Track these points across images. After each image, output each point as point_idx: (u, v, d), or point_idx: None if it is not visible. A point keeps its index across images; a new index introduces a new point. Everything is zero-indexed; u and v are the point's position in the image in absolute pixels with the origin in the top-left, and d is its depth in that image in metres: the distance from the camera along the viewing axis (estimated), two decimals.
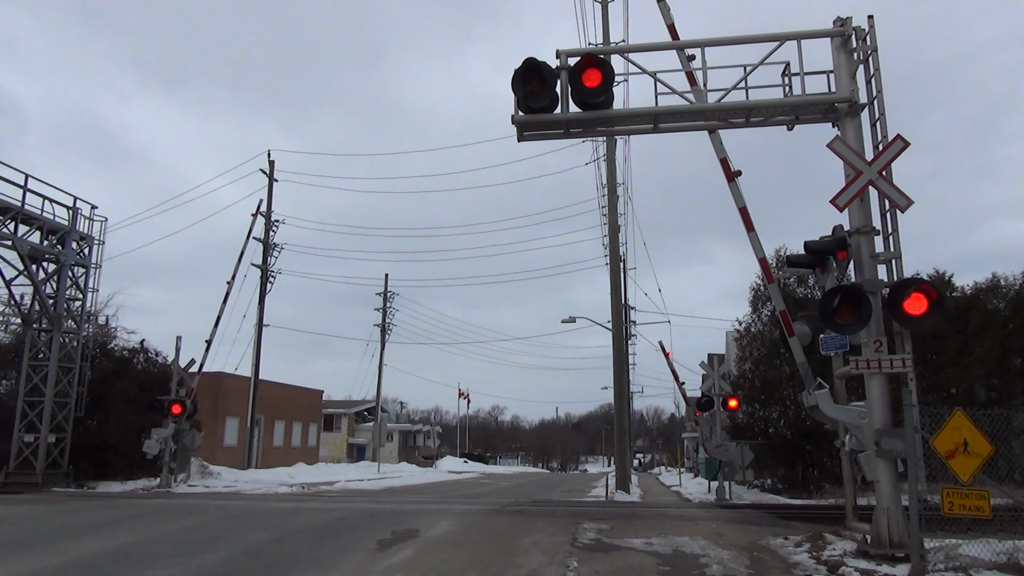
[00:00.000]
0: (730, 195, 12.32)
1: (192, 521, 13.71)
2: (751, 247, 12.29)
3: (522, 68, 11.59)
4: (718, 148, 12.53)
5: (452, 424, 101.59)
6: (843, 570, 8.64)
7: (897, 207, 10.32)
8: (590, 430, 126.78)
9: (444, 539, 11.51)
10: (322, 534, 11.89)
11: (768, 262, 12.37)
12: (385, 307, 53.47)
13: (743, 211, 12.43)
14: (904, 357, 9.89)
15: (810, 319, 11.52)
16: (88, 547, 10.40)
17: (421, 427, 79.98)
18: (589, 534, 12.04)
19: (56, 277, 24.64)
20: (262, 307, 37.26)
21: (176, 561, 9.20)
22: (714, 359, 22.98)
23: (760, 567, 9.16)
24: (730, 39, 12.18)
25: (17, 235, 22.71)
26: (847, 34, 11.38)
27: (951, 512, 8.35)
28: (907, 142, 10.24)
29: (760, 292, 27.14)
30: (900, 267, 10.43)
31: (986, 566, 8.34)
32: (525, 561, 9.38)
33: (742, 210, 12.44)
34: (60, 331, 24.28)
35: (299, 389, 51.07)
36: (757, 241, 12.23)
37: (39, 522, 13.84)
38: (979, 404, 20.33)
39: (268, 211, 38.36)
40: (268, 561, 9.33)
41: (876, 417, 10.07)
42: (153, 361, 29.14)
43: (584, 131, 13.32)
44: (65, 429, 24.21)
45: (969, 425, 8.54)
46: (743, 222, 12.41)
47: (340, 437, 62.08)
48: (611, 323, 28.56)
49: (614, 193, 28.03)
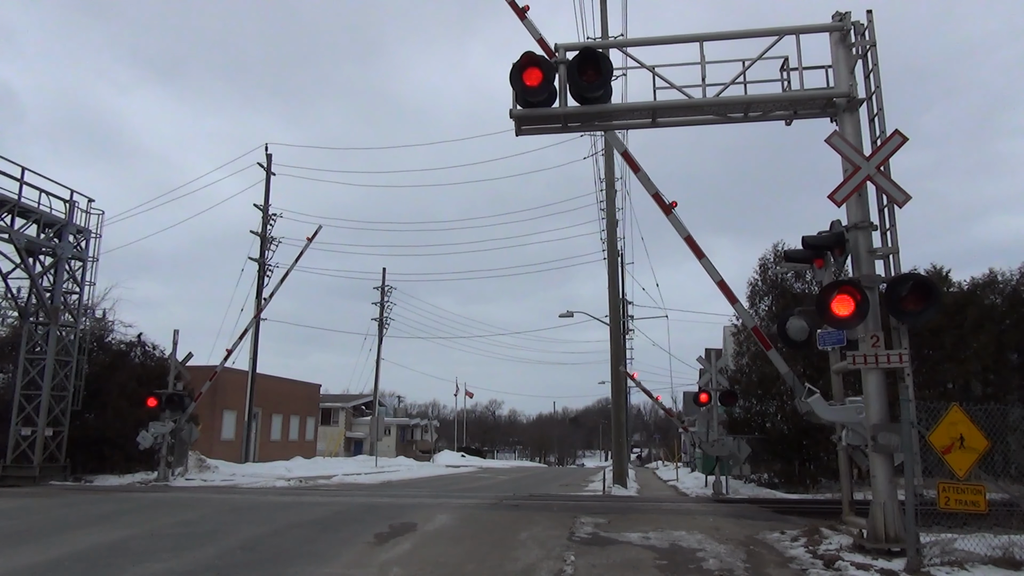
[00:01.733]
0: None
1: (190, 514, 13.73)
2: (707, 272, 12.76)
3: (520, 62, 11.57)
4: (648, 185, 13.27)
5: (450, 418, 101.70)
6: (839, 564, 8.67)
7: (895, 202, 10.32)
8: (587, 424, 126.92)
9: (442, 533, 11.53)
10: (320, 527, 11.90)
11: (727, 284, 12.78)
12: (383, 301, 53.47)
13: (689, 240, 13.08)
14: (901, 352, 9.91)
15: (807, 314, 11.53)
16: (86, 540, 10.40)
17: (419, 421, 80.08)
18: (586, 528, 12.07)
19: (53, 270, 24.60)
20: (259, 301, 37.21)
21: (174, 554, 9.22)
22: (711, 354, 22.98)
23: (757, 561, 9.19)
24: (728, 33, 12.17)
25: (14, 228, 22.66)
26: (846, 29, 11.36)
27: (947, 507, 8.39)
28: (905, 137, 10.23)
29: (757, 287, 27.15)
30: (897, 262, 10.44)
31: (981, 560, 8.38)
32: (522, 555, 9.40)
33: (687, 239, 13.06)
34: (57, 324, 24.24)
35: (297, 383, 51.08)
36: (710, 266, 12.78)
37: (37, 515, 13.84)
38: (975, 399, 20.37)
39: (265, 205, 38.32)
40: (266, 554, 9.34)
41: (873, 412, 10.09)
42: (150, 355, 29.13)
43: (582, 125, 13.31)
44: (62, 423, 24.21)
45: (965, 420, 8.57)
46: (692, 250, 12.95)
47: (338, 431, 62.13)
48: (608, 318, 28.60)
49: (612, 188, 28.02)
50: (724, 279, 12.43)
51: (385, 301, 53.56)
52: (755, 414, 26.54)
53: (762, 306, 26.95)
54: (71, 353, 24.84)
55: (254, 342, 36.62)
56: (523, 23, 13.44)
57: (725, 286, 12.53)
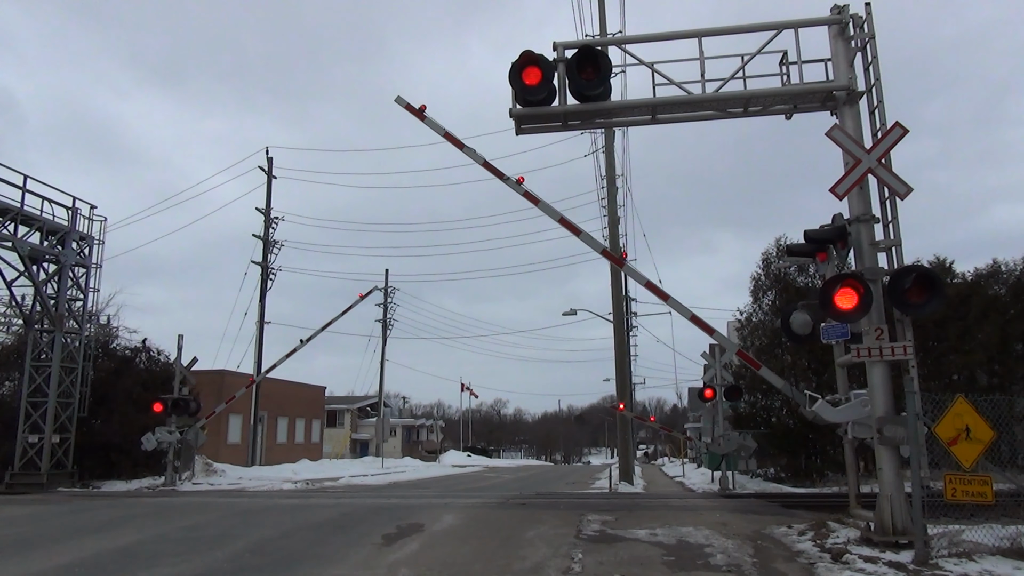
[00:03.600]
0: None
1: (198, 519, 13.76)
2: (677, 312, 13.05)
3: (519, 61, 11.60)
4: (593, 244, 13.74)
5: (455, 418, 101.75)
6: (847, 557, 8.67)
7: (896, 195, 10.31)
8: (593, 422, 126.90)
9: (449, 532, 11.55)
10: (327, 529, 11.93)
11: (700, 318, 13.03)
12: (386, 302, 53.51)
13: (649, 286, 13.29)
14: (905, 344, 9.90)
15: (811, 308, 11.53)
16: (95, 546, 10.44)
17: (424, 422, 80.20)
18: (593, 526, 12.07)
19: (57, 277, 24.67)
20: (263, 304, 37.30)
21: (183, 559, 9.24)
22: (715, 349, 22.94)
23: (764, 556, 9.19)
24: (727, 29, 12.18)
25: (17, 236, 22.73)
26: (844, 22, 11.36)
27: (954, 498, 8.38)
28: (906, 129, 10.22)
29: (760, 282, 27.14)
30: (900, 254, 10.43)
31: (989, 551, 8.38)
32: (530, 553, 9.41)
33: (647, 284, 13.34)
34: (62, 331, 24.31)
35: (302, 386, 51.12)
36: (678, 305, 13.11)
37: (45, 522, 13.89)
38: (981, 390, 20.35)
39: (267, 208, 38.37)
40: (274, 557, 9.37)
41: (878, 405, 10.09)
42: (155, 360, 29.18)
43: (582, 123, 13.32)
44: (69, 429, 24.27)
45: (971, 411, 8.56)
46: (657, 295, 13.26)
47: (343, 433, 62.23)
48: (612, 315, 28.60)
49: (613, 185, 28.02)
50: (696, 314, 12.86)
51: (388, 302, 53.60)
52: (760, 409, 26.54)
53: (765, 300, 26.95)
54: (76, 360, 24.90)
55: (258, 346, 36.71)
56: (424, 123, 13.94)
57: (698, 320, 12.87)
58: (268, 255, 37.95)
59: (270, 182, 38.64)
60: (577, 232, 13.73)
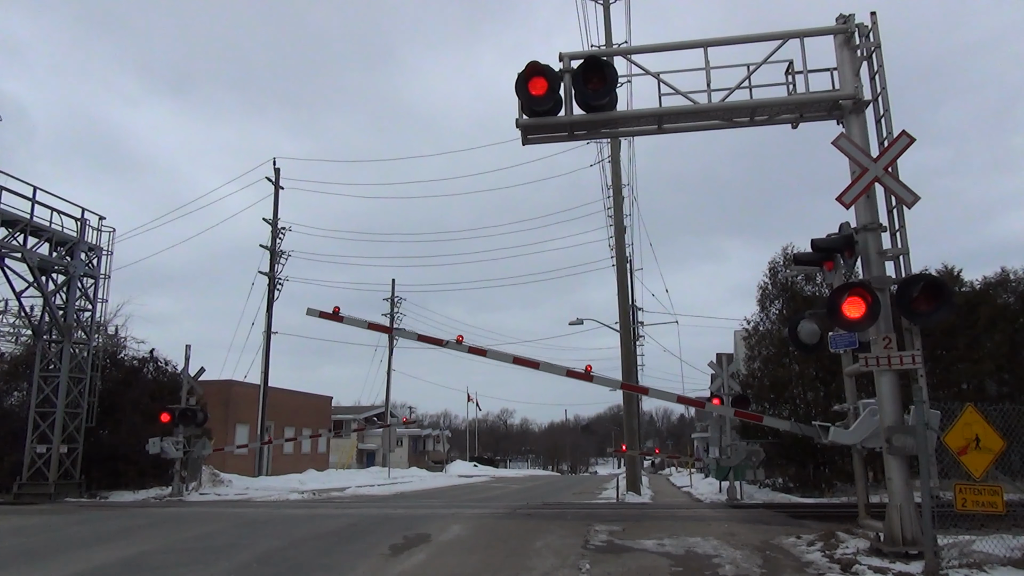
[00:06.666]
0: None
1: (205, 529, 13.76)
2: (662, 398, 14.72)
3: (525, 72, 11.64)
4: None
5: (461, 428, 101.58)
6: (856, 568, 8.61)
7: (904, 203, 10.29)
8: (600, 432, 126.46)
9: (456, 543, 11.52)
10: (334, 540, 11.91)
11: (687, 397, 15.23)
12: (393, 312, 53.61)
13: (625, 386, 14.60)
14: (914, 353, 9.86)
15: (818, 317, 11.50)
16: (102, 556, 10.45)
17: (431, 432, 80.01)
18: (601, 536, 12.02)
19: (65, 288, 24.82)
20: (270, 315, 37.40)
21: (190, 570, 9.24)
22: (723, 358, 22.89)
23: (773, 566, 9.13)
24: (733, 39, 12.20)
25: (26, 247, 22.91)
26: (850, 31, 11.38)
27: (964, 508, 8.32)
28: (912, 138, 10.22)
29: (768, 291, 27.07)
30: (908, 263, 10.40)
31: (1000, 562, 8.31)
32: (537, 564, 9.38)
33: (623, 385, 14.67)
34: (70, 342, 24.43)
35: (308, 396, 51.19)
36: (661, 393, 14.27)
37: (53, 532, 13.91)
38: (990, 399, 20.22)
39: (274, 219, 38.53)
40: (281, 568, 9.36)
41: (887, 414, 10.04)
42: (163, 370, 29.30)
43: (588, 133, 13.36)
44: (77, 439, 24.35)
45: (981, 421, 8.51)
46: (635, 391, 14.39)
47: (350, 443, 62.16)
48: (619, 324, 28.55)
49: (619, 194, 28.07)
50: (682, 394, 14.34)
51: (395, 312, 53.68)
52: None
53: (773, 309, 26.88)
54: (85, 370, 25.00)
55: (265, 356, 36.78)
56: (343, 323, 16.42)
57: (686, 399, 14.05)
58: (275, 265, 38.08)
59: (277, 193, 38.84)
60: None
